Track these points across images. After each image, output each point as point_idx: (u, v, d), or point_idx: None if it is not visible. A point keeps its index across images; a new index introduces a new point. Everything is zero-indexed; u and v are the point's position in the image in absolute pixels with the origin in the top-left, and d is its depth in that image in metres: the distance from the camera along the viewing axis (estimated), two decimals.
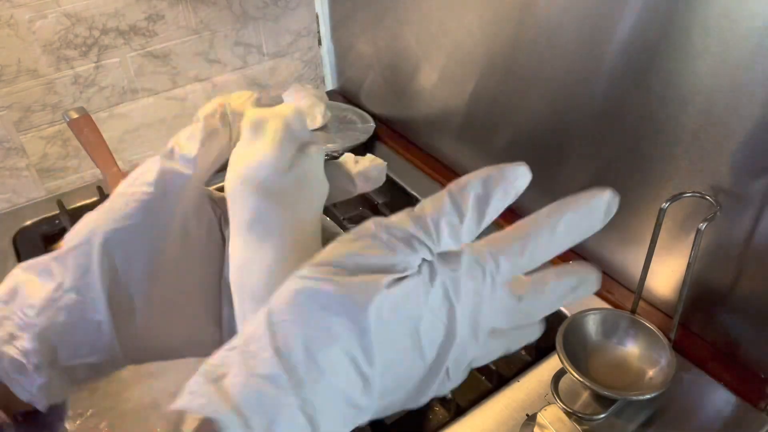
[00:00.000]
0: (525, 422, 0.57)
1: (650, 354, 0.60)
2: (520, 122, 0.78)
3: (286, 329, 0.23)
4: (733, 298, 0.60)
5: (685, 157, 0.59)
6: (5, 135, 0.93)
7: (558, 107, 0.71)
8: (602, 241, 0.73)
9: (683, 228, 0.61)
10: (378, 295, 0.24)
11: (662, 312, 0.67)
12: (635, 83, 0.60)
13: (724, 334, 0.62)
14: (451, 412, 0.60)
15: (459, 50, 0.82)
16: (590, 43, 0.63)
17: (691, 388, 0.60)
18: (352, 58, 1.11)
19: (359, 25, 1.04)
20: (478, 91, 0.82)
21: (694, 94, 0.56)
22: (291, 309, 0.24)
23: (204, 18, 1.01)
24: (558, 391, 0.58)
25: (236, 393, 0.22)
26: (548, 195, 0.84)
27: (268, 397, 0.22)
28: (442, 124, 0.93)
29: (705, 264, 0.60)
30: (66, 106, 0.95)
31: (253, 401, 0.22)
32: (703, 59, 0.53)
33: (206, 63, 1.05)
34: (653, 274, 0.64)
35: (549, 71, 0.70)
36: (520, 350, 0.67)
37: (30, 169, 0.97)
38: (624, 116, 0.63)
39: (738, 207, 0.56)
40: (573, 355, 0.59)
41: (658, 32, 0.56)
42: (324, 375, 0.23)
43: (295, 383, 0.23)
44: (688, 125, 0.57)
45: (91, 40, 0.93)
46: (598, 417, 0.57)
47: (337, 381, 0.23)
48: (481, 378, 0.64)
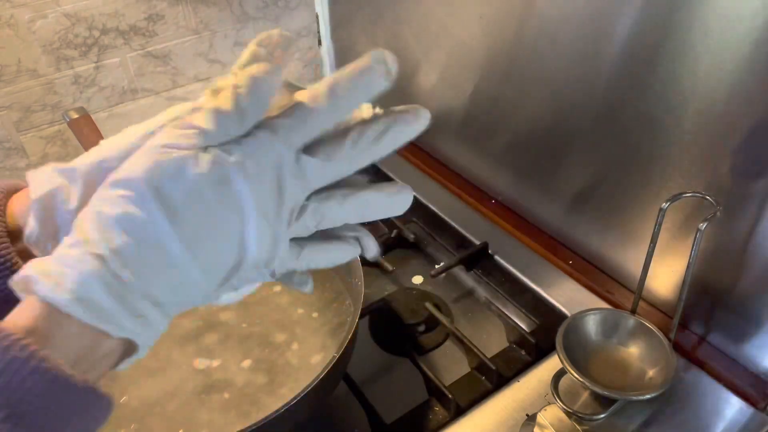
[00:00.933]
0: (525, 422, 0.57)
1: (650, 354, 0.60)
2: (520, 122, 0.78)
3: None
4: (733, 298, 0.60)
5: (685, 157, 0.59)
6: (5, 135, 0.93)
7: (558, 107, 0.71)
8: (602, 241, 0.73)
9: (683, 228, 0.61)
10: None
11: (662, 312, 0.67)
12: (635, 83, 0.60)
13: (724, 334, 0.62)
14: (451, 412, 0.60)
15: (459, 50, 0.82)
16: (590, 42, 0.63)
17: (691, 388, 0.60)
18: (352, 58, 1.11)
19: (359, 25, 1.04)
20: (478, 91, 0.82)
21: (693, 94, 0.56)
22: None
23: (204, 18, 1.01)
24: (558, 391, 0.59)
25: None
26: (548, 194, 0.85)
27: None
28: (442, 124, 0.93)
29: (705, 264, 0.60)
30: (66, 106, 0.95)
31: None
32: (703, 59, 0.53)
33: (206, 63, 1.05)
34: (653, 274, 0.64)
35: (549, 71, 0.70)
36: (520, 350, 0.68)
37: (30, 169, 0.97)
38: (624, 116, 0.63)
39: (738, 207, 0.56)
40: (573, 355, 0.59)
41: (658, 32, 0.56)
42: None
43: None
44: (688, 125, 0.57)
45: (91, 40, 0.93)
46: (598, 417, 0.57)
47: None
48: (481, 378, 0.64)
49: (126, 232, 0.27)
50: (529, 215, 0.82)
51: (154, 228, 0.27)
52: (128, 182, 0.28)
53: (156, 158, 0.28)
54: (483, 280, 0.79)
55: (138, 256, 0.27)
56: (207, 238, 0.28)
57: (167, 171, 0.28)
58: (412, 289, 0.78)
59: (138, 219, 0.27)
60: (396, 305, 0.74)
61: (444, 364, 0.68)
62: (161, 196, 0.27)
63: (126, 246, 0.27)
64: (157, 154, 0.28)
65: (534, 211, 0.82)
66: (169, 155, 0.28)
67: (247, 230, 0.29)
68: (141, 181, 0.28)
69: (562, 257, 0.76)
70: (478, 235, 0.81)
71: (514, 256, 0.78)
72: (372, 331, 0.73)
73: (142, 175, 0.28)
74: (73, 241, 0.28)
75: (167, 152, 0.28)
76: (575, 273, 0.74)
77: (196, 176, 0.28)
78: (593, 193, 0.71)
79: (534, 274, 0.75)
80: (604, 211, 0.71)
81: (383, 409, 0.61)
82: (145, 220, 0.27)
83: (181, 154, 0.28)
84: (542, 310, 0.72)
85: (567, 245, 0.78)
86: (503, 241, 0.81)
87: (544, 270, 0.76)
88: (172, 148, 0.28)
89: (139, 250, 0.27)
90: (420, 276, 0.81)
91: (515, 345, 0.68)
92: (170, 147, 0.28)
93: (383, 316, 0.74)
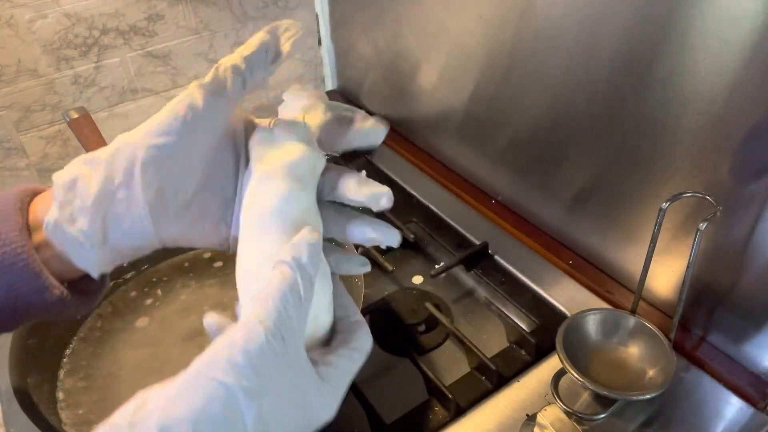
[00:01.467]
0: (525, 422, 0.57)
1: (650, 354, 0.60)
2: (519, 122, 0.78)
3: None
4: (733, 298, 0.60)
5: (685, 157, 0.59)
6: (5, 135, 0.93)
7: (558, 107, 0.71)
8: (602, 241, 0.73)
9: (683, 228, 0.61)
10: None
11: (662, 312, 0.67)
12: (635, 83, 0.60)
13: (724, 334, 0.62)
14: (451, 412, 0.60)
15: (459, 50, 0.82)
16: (590, 42, 0.63)
17: (691, 388, 0.60)
18: (352, 58, 1.11)
19: (359, 25, 1.04)
20: (478, 91, 0.82)
21: (693, 93, 0.56)
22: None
23: (204, 18, 1.01)
24: (558, 391, 0.59)
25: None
26: (548, 194, 0.85)
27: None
28: (442, 124, 0.93)
29: (705, 264, 0.60)
30: (66, 106, 0.95)
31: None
32: (703, 59, 0.53)
33: (206, 63, 1.05)
34: (653, 274, 0.64)
35: (549, 71, 0.70)
36: (520, 350, 0.68)
37: (30, 169, 0.97)
38: (624, 116, 0.63)
39: (738, 207, 0.56)
40: (573, 355, 0.59)
41: (657, 32, 0.56)
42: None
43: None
44: (688, 125, 0.57)
45: (91, 40, 0.93)
46: (598, 417, 0.57)
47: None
48: (481, 378, 0.64)
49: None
50: (529, 215, 0.82)
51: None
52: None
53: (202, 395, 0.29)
54: (483, 280, 0.79)
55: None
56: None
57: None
58: (412, 289, 0.78)
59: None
60: (396, 305, 0.74)
61: (444, 364, 0.68)
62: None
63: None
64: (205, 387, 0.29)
65: (534, 211, 0.82)
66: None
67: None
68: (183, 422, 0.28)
69: (562, 257, 0.76)
70: (478, 235, 0.81)
71: (514, 256, 0.78)
72: (372, 331, 0.73)
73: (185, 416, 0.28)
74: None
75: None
76: (575, 273, 0.74)
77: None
78: (593, 193, 0.71)
79: (534, 274, 0.75)
80: (604, 211, 0.71)
81: (383, 409, 0.61)
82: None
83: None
84: (542, 310, 0.72)
85: (567, 245, 0.78)
86: (503, 241, 0.81)
87: (544, 270, 0.76)
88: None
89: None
90: (420, 276, 0.81)
91: (515, 345, 0.68)
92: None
93: (383, 316, 0.74)
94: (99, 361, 0.68)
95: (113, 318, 0.73)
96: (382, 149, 1.04)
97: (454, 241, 0.83)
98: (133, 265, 0.78)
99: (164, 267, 0.80)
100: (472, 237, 0.82)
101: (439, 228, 0.86)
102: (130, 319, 0.73)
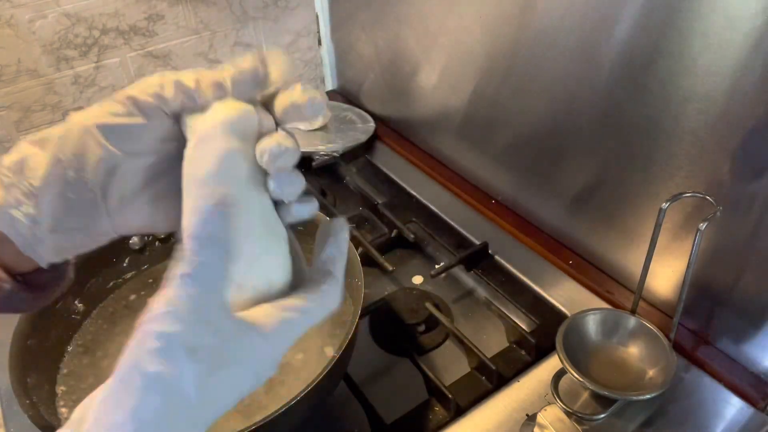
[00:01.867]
0: (525, 422, 0.57)
1: (650, 354, 0.60)
2: (519, 122, 0.78)
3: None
4: (733, 298, 0.60)
5: (685, 157, 0.59)
6: (5, 135, 0.93)
7: (558, 107, 0.71)
8: (602, 241, 0.73)
9: (683, 228, 0.61)
10: None
11: (662, 312, 0.67)
12: (635, 83, 0.60)
13: (724, 334, 0.62)
14: (451, 412, 0.60)
15: (459, 50, 0.82)
16: (590, 43, 0.63)
17: (691, 388, 0.60)
18: (352, 58, 1.11)
19: (359, 25, 1.04)
20: (478, 91, 0.82)
21: (693, 94, 0.56)
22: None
23: (204, 18, 1.01)
24: (558, 391, 0.59)
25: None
26: (548, 194, 0.85)
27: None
28: (442, 124, 0.93)
29: (705, 264, 0.60)
30: (66, 106, 0.95)
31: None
32: (703, 59, 0.53)
33: (206, 63, 1.05)
34: (653, 274, 0.64)
35: (549, 71, 0.70)
36: (520, 350, 0.68)
37: None
38: (624, 116, 0.63)
39: (738, 207, 0.56)
40: (573, 355, 0.59)
41: (657, 32, 0.56)
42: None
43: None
44: (688, 125, 0.57)
45: (91, 40, 0.93)
46: (598, 417, 0.57)
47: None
48: (481, 378, 0.64)
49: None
50: (530, 215, 0.82)
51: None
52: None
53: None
54: (483, 280, 0.79)
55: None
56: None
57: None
58: (412, 289, 0.78)
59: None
60: (396, 305, 0.74)
61: (444, 364, 0.68)
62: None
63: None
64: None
65: (534, 211, 0.82)
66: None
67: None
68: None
69: (562, 257, 0.76)
70: (478, 235, 0.81)
71: (514, 256, 0.78)
72: (372, 331, 0.73)
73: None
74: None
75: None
76: (575, 273, 0.74)
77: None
78: (593, 193, 0.71)
79: (534, 274, 0.75)
80: (605, 211, 0.71)
81: (383, 409, 0.61)
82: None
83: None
84: (542, 310, 0.72)
85: (567, 245, 0.78)
86: (503, 241, 0.81)
87: (544, 270, 0.76)
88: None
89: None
90: (420, 276, 0.81)
91: (515, 345, 0.68)
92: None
93: (383, 316, 0.74)
94: (99, 361, 0.68)
95: (113, 318, 0.73)
96: (382, 149, 1.04)
97: (454, 241, 0.84)
98: (133, 265, 0.78)
99: (164, 267, 0.80)
100: (472, 237, 0.82)
101: (439, 228, 0.86)
102: (130, 320, 0.73)
